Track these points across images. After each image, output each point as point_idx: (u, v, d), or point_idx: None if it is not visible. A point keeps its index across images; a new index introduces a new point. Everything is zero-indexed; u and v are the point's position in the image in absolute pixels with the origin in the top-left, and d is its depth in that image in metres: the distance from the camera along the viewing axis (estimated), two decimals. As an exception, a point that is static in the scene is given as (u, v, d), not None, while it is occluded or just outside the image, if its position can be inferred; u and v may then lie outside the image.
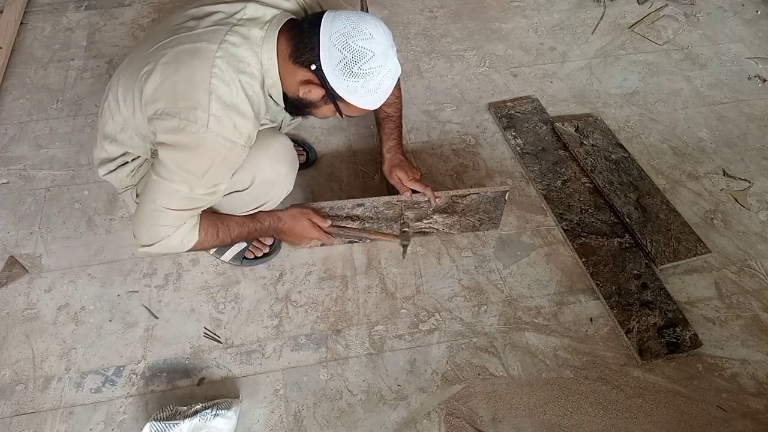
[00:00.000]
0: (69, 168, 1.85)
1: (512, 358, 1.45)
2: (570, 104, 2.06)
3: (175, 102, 1.13)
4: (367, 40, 1.13)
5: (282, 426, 1.35)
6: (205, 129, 1.12)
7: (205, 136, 1.13)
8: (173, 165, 1.16)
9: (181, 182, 1.17)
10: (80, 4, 2.46)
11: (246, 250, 1.60)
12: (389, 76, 1.18)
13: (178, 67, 1.14)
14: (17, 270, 1.60)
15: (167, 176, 1.17)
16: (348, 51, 1.12)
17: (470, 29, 2.35)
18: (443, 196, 1.54)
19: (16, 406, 1.37)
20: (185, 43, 1.16)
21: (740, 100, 2.07)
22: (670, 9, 2.44)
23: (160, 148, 1.17)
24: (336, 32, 1.13)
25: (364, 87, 1.16)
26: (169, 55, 1.15)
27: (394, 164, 1.55)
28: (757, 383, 1.41)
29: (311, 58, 1.15)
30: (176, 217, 1.21)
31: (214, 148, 1.15)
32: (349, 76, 1.14)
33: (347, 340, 1.48)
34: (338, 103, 1.21)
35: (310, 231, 1.46)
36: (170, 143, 1.15)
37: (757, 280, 1.60)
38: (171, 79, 1.14)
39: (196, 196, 1.20)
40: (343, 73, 1.14)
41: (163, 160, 1.16)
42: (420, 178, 1.56)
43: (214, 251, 1.60)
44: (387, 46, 1.15)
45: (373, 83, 1.16)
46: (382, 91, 1.19)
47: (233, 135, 1.16)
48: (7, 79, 2.13)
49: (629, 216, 1.69)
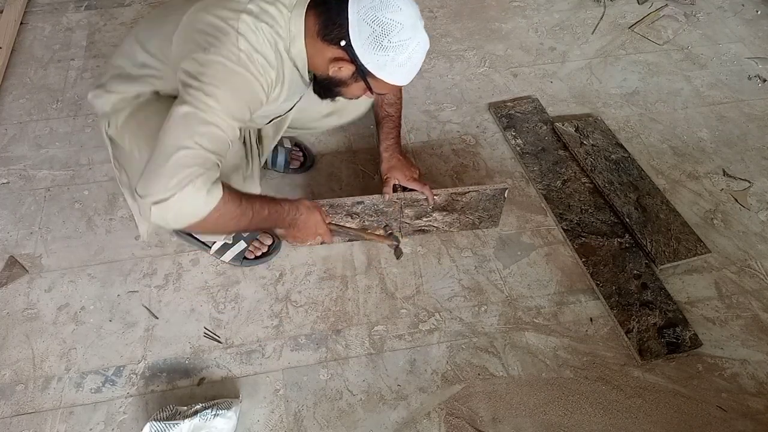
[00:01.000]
0: (69, 168, 1.85)
1: (512, 358, 1.45)
2: (570, 104, 2.06)
3: (205, 44, 1.11)
4: (396, 12, 1.13)
5: (282, 426, 1.35)
6: (234, 63, 1.10)
7: (232, 69, 1.11)
8: (201, 96, 1.09)
9: (208, 111, 1.09)
10: (80, 4, 2.46)
11: (246, 250, 1.60)
12: (419, 49, 1.17)
13: (204, 16, 1.14)
14: (17, 270, 1.60)
15: (195, 107, 1.09)
16: (377, 24, 1.12)
17: (470, 29, 2.35)
18: (443, 194, 1.55)
19: (16, 406, 1.37)
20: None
21: (740, 100, 2.07)
22: (670, 9, 2.44)
23: (186, 84, 1.12)
24: (364, 6, 1.13)
25: (394, 60, 1.15)
26: (199, 5, 1.16)
27: (391, 165, 1.56)
28: (757, 383, 1.41)
29: (340, 34, 1.15)
30: (203, 156, 1.08)
31: (242, 81, 1.12)
32: (379, 50, 1.14)
33: (347, 340, 1.48)
34: (368, 79, 1.21)
35: (321, 226, 1.42)
36: (197, 73, 1.10)
37: (757, 280, 1.60)
38: (198, 27, 1.14)
39: (223, 134, 1.11)
40: (373, 47, 1.13)
41: (188, 92, 1.11)
42: (419, 176, 1.56)
43: (215, 251, 1.60)
44: (415, 18, 1.15)
45: (403, 56, 1.15)
46: (413, 65, 1.19)
47: (259, 74, 1.14)
48: (7, 79, 2.13)
49: (629, 216, 1.69)
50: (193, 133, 1.08)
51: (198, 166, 1.07)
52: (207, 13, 1.15)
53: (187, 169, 1.06)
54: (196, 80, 1.10)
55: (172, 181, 1.05)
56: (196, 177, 1.07)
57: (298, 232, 1.41)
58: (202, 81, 1.10)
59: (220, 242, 1.58)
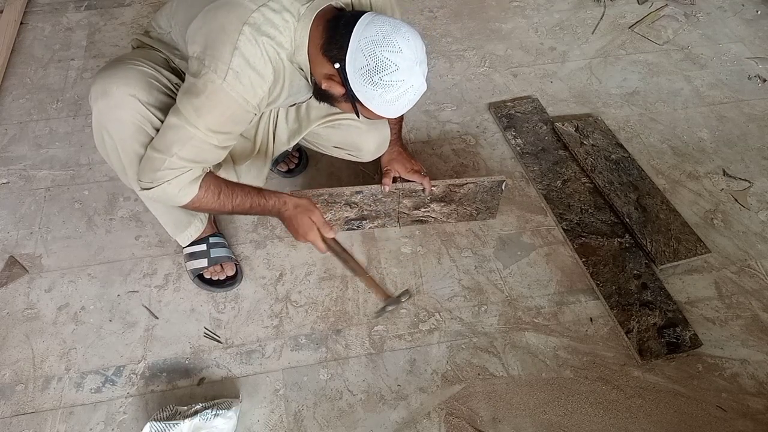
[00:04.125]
0: (69, 168, 1.85)
1: (512, 358, 1.45)
2: (570, 104, 2.06)
3: (204, 48, 1.15)
4: (394, 53, 1.12)
5: (282, 426, 1.35)
6: (222, 81, 1.13)
7: (219, 88, 1.14)
8: (189, 108, 1.16)
9: (193, 127, 1.17)
10: (80, 4, 2.46)
11: (205, 269, 1.55)
12: (410, 91, 1.17)
13: (216, 16, 1.16)
14: (17, 270, 1.60)
15: (182, 119, 1.17)
16: (373, 59, 1.12)
17: (470, 29, 2.35)
18: (441, 185, 1.57)
19: (16, 406, 1.37)
20: None
21: (740, 100, 2.07)
22: (670, 9, 2.44)
23: (182, 89, 1.19)
24: (366, 38, 1.13)
25: (382, 97, 1.16)
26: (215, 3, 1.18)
27: (391, 157, 1.59)
28: (757, 383, 1.41)
29: (338, 56, 1.16)
30: (180, 164, 1.20)
31: (226, 101, 1.16)
32: (369, 84, 1.15)
33: (347, 340, 1.48)
34: (356, 105, 1.22)
35: (306, 232, 1.41)
36: (189, 86, 1.17)
37: (757, 280, 1.60)
38: (207, 26, 1.16)
39: (206, 146, 1.20)
40: (364, 79, 1.14)
41: (180, 102, 1.18)
42: (419, 169, 1.58)
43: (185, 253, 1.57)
44: (413, 62, 1.14)
45: (391, 95, 1.16)
46: (401, 105, 1.19)
47: (246, 93, 1.17)
48: (7, 79, 2.13)
49: (629, 216, 1.69)
50: (174, 144, 1.18)
51: (174, 170, 1.20)
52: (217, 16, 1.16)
53: (165, 172, 1.20)
54: (190, 91, 1.16)
55: (154, 177, 1.21)
56: (174, 177, 1.21)
57: (290, 228, 1.44)
58: (193, 93, 1.16)
59: (190, 249, 1.57)
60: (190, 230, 1.54)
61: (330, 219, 1.63)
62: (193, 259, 1.56)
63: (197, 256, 1.55)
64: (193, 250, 1.56)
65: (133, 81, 1.24)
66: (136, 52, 1.38)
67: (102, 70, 1.30)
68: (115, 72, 1.27)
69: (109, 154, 1.34)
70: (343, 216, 1.63)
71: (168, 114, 1.20)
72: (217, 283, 1.56)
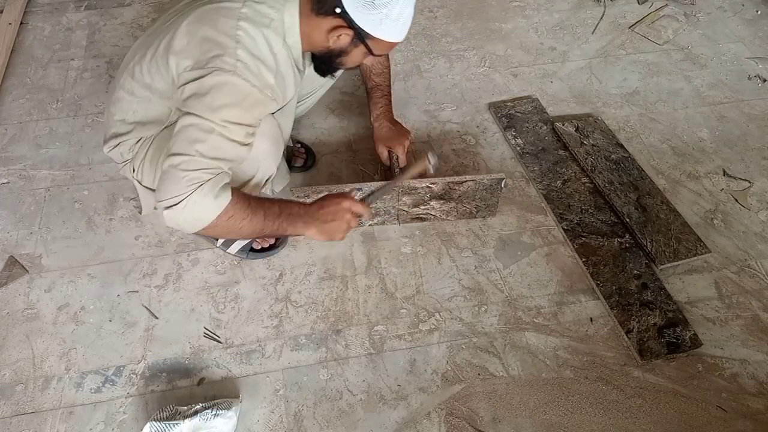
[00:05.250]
0: (69, 168, 1.85)
1: (512, 358, 1.45)
2: (570, 104, 2.06)
3: (201, 55, 1.16)
4: None
5: (282, 426, 1.35)
6: (233, 73, 1.15)
7: (230, 79, 1.15)
8: (201, 107, 1.15)
9: (211, 121, 1.14)
10: (80, 4, 2.46)
11: (253, 242, 1.60)
12: (408, 3, 1.22)
13: (202, 24, 1.18)
14: (17, 270, 1.60)
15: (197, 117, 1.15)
16: None
17: (470, 29, 2.35)
18: (440, 183, 1.58)
19: (16, 406, 1.37)
20: (207, 4, 1.21)
21: (740, 100, 2.07)
22: (670, 9, 2.44)
23: (188, 100, 1.17)
24: None
25: (388, 17, 1.20)
26: (193, 16, 1.21)
27: (380, 134, 1.66)
28: (757, 383, 1.41)
29: (333, 3, 1.20)
30: (205, 163, 1.13)
31: (240, 90, 1.17)
32: (372, 9, 1.18)
33: (347, 340, 1.48)
34: (367, 41, 1.25)
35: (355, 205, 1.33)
36: (193, 91, 1.16)
37: (757, 280, 1.60)
38: (197, 36, 1.18)
39: (227, 143, 1.16)
40: (366, 7, 1.19)
41: (189, 106, 1.16)
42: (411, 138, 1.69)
43: (222, 243, 1.60)
44: None
45: (395, 11, 1.20)
46: (405, 19, 1.24)
47: (259, 82, 1.19)
48: (7, 79, 2.13)
49: (629, 216, 1.69)
50: (195, 142, 1.14)
51: (202, 172, 1.13)
52: (203, 25, 1.19)
53: (192, 175, 1.12)
54: (198, 92, 1.15)
55: (179, 187, 1.12)
56: (203, 182, 1.13)
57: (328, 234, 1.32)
58: (202, 92, 1.15)
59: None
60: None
61: None
62: (236, 240, 1.58)
63: None
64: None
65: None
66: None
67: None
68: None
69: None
70: None
71: (179, 119, 1.18)
72: (268, 249, 1.62)
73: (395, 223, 1.69)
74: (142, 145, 1.41)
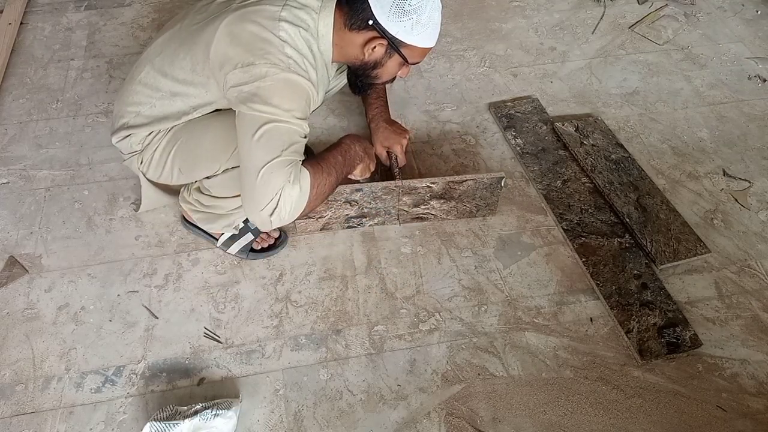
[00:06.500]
0: (69, 168, 1.85)
1: (512, 358, 1.45)
2: (570, 104, 2.06)
3: (249, 53, 1.21)
4: None
5: (282, 426, 1.35)
6: (286, 70, 1.20)
7: (286, 77, 1.20)
8: (267, 109, 1.20)
9: (283, 120, 1.21)
10: (80, 4, 2.46)
11: (253, 242, 1.61)
12: (435, 7, 1.28)
13: (244, 24, 1.23)
14: (17, 270, 1.60)
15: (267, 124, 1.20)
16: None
17: (470, 29, 2.35)
18: (440, 182, 1.58)
19: (16, 406, 1.37)
20: (247, 7, 1.25)
21: (740, 100, 2.07)
22: (670, 9, 2.44)
23: (243, 98, 1.22)
24: None
25: (418, 22, 1.25)
26: (233, 16, 1.25)
27: (378, 135, 1.68)
28: (757, 383, 1.41)
29: (365, 16, 1.26)
30: (290, 158, 1.22)
31: (298, 85, 1.23)
32: (403, 16, 1.24)
33: (347, 340, 1.48)
34: (401, 50, 1.31)
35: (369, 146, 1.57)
36: (249, 95, 1.21)
37: (757, 280, 1.60)
38: (240, 37, 1.23)
39: (298, 137, 1.24)
40: (397, 15, 1.24)
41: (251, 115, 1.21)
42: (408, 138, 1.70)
43: (222, 243, 1.61)
44: None
45: (424, 16, 1.26)
46: (435, 23, 1.30)
47: (306, 76, 1.24)
48: (7, 79, 2.13)
49: (629, 216, 1.69)
50: (271, 142, 1.21)
51: (284, 169, 1.22)
52: (246, 24, 1.23)
53: (277, 178, 1.21)
54: (255, 93, 1.20)
55: (270, 191, 1.21)
56: (286, 180, 1.22)
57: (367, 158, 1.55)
58: (260, 93, 1.20)
59: (228, 234, 1.59)
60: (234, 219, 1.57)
61: (330, 217, 1.63)
62: (236, 240, 1.59)
63: (239, 235, 1.59)
64: (231, 232, 1.59)
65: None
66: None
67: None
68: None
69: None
70: (343, 214, 1.63)
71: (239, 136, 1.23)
72: (268, 248, 1.63)
73: (395, 223, 1.70)
74: (155, 137, 1.45)
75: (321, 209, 1.59)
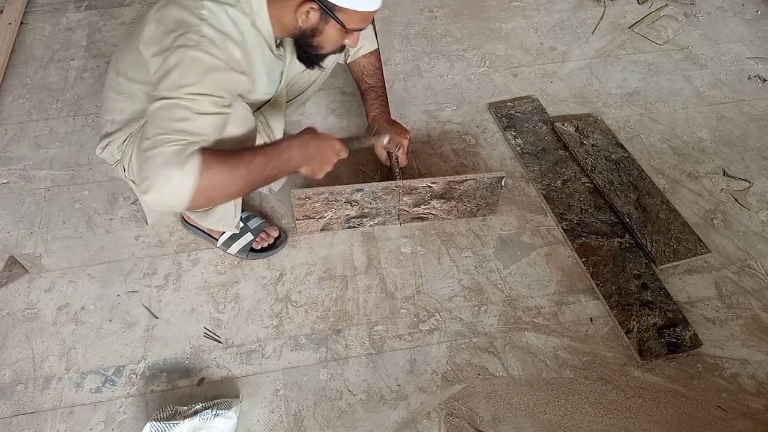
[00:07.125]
0: (69, 168, 1.85)
1: (512, 358, 1.45)
2: (570, 104, 2.06)
3: (167, 37, 1.14)
4: None
5: (282, 426, 1.35)
6: (196, 47, 1.11)
7: (195, 54, 1.11)
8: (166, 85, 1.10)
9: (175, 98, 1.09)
10: (80, 4, 2.46)
11: (253, 241, 1.61)
12: None
13: (168, 9, 1.17)
14: (17, 270, 1.60)
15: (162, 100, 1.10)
16: None
17: (470, 29, 2.35)
18: (441, 182, 1.58)
19: (16, 406, 1.37)
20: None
21: (740, 100, 2.07)
22: (670, 9, 2.44)
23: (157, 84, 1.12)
24: None
25: None
26: (160, 3, 1.20)
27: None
28: (757, 383, 1.41)
29: None
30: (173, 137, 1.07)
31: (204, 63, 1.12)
32: None
33: (347, 340, 1.48)
34: (337, 14, 1.21)
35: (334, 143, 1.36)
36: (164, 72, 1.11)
37: (757, 280, 1.60)
38: (163, 22, 1.16)
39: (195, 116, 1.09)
40: None
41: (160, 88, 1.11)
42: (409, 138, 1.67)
43: (222, 243, 1.60)
44: None
45: None
46: None
47: (224, 55, 1.15)
48: (7, 79, 2.13)
49: (629, 216, 1.69)
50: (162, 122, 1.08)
51: (166, 146, 1.06)
52: (171, 8, 1.18)
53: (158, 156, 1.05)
54: (163, 74, 1.11)
55: (148, 168, 1.05)
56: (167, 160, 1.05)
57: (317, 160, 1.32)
58: (169, 73, 1.11)
59: (228, 234, 1.59)
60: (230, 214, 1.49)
61: (331, 217, 1.63)
62: (236, 240, 1.59)
63: (239, 236, 1.59)
64: (231, 233, 1.58)
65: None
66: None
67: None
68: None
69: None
70: (343, 214, 1.63)
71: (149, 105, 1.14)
72: (268, 248, 1.62)
73: (396, 223, 1.70)
74: (129, 143, 1.40)
75: (321, 209, 1.60)
